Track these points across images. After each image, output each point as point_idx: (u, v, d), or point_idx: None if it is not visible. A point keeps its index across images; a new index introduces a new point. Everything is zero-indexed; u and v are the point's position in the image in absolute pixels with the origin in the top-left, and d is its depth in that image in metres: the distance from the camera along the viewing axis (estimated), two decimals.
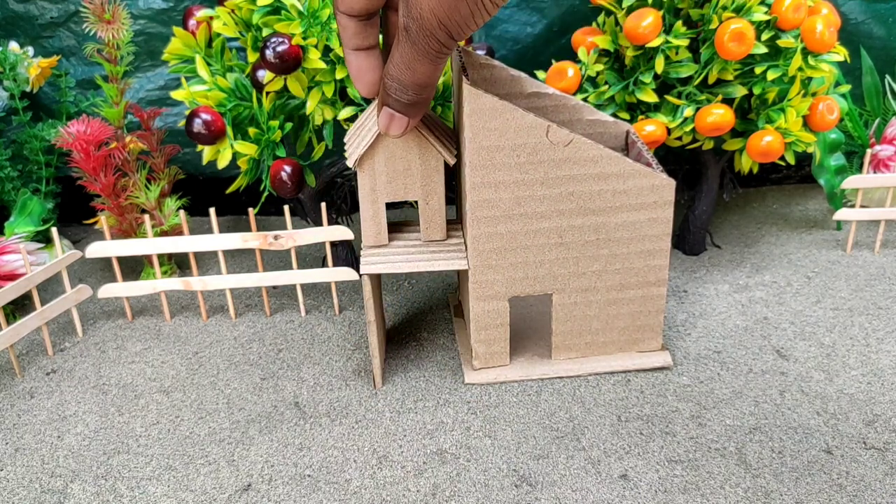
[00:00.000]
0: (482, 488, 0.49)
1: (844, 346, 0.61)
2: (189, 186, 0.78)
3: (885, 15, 0.79)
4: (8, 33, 0.82)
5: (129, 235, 0.72)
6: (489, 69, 0.57)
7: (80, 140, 0.67)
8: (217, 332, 0.67)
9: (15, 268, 0.67)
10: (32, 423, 0.57)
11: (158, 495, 0.50)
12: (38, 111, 0.82)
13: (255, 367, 0.62)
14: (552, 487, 0.49)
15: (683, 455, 0.51)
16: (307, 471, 0.51)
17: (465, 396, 0.57)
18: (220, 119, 0.62)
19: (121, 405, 0.58)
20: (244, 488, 0.50)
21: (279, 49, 0.57)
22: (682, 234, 0.75)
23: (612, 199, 0.53)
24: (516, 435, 0.53)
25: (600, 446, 0.52)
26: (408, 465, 0.51)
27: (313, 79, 0.61)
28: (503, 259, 0.54)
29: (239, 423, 0.56)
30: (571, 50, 0.68)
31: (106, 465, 0.52)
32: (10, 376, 0.62)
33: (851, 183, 0.71)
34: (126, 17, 0.68)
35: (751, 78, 0.64)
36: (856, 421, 0.53)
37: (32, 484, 0.51)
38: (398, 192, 0.55)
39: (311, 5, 0.57)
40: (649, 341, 0.59)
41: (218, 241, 0.65)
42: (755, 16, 0.60)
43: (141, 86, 0.82)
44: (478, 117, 0.49)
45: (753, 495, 0.47)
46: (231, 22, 0.62)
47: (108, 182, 0.69)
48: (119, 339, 0.66)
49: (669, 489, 0.48)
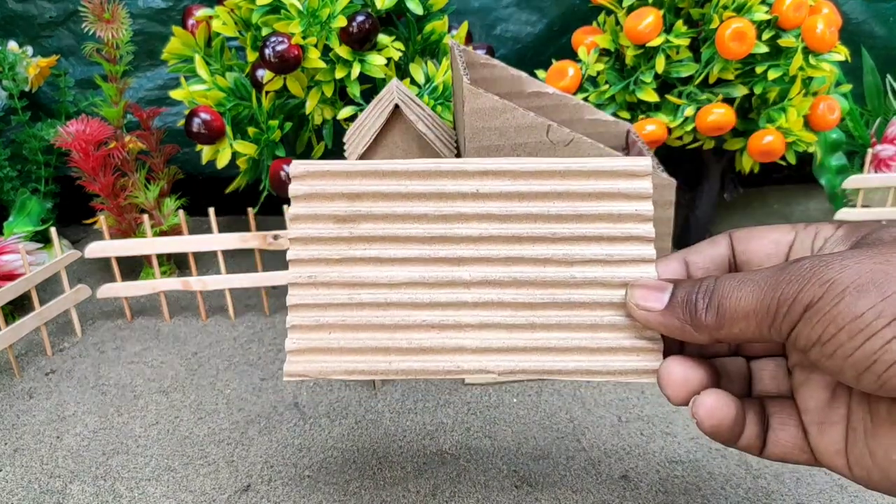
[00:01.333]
0: (482, 489, 0.49)
1: None
2: (188, 186, 0.78)
3: (887, 14, 0.79)
4: (7, 33, 0.81)
5: (128, 235, 0.72)
6: (489, 69, 0.57)
7: (80, 140, 0.67)
8: (216, 333, 0.67)
9: (14, 268, 0.66)
10: (31, 424, 0.57)
11: (158, 496, 0.49)
12: (37, 111, 0.82)
13: (255, 368, 0.61)
14: (552, 488, 0.49)
15: (684, 455, 0.51)
16: (307, 471, 0.51)
17: (464, 397, 0.57)
18: (220, 119, 0.62)
19: (120, 406, 0.58)
20: (243, 489, 0.50)
21: (278, 48, 0.57)
22: (683, 235, 0.75)
23: None
24: (516, 435, 0.53)
25: (601, 447, 0.52)
26: (408, 465, 0.51)
27: (313, 78, 0.61)
28: None
29: (238, 423, 0.55)
30: (572, 49, 0.68)
31: (105, 465, 0.52)
32: (8, 377, 0.62)
33: (852, 183, 0.71)
34: (125, 16, 0.67)
35: (752, 77, 0.63)
36: None
37: (31, 484, 0.51)
38: None
39: (311, 4, 0.57)
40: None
41: (217, 240, 0.65)
42: (756, 15, 0.60)
43: (140, 85, 0.82)
44: (478, 117, 0.49)
45: (754, 496, 0.47)
46: (230, 21, 0.62)
47: (108, 182, 0.69)
48: (118, 340, 0.66)
49: (670, 490, 0.48)
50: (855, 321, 0.28)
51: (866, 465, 0.32)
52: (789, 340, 0.31)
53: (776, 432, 0.35)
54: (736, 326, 0.32)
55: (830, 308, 0.29)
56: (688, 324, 0.34)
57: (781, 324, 0.31)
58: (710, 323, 0.33)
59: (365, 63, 0.59)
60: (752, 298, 0.31)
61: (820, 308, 0.29)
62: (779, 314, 0.31)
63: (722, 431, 0.34)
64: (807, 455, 0.34)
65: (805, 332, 0.30)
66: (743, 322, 0.32)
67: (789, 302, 0.30)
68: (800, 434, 0.34)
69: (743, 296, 0.32)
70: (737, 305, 0.32)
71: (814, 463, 0.34)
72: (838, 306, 0.29)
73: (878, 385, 0.29)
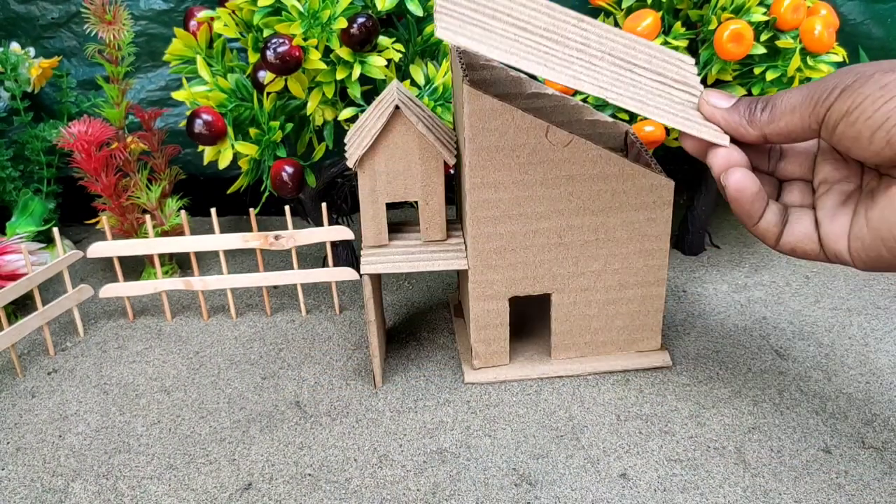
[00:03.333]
0: (482, 487, 0.49)
1: (843, 346, 0.61)
2: (190, 187, 0.78)
3: (884, 15, 0.79)
4: (9, 34, 0.82)
5: (130, 235, 0.72)
6: (489, 70, 0.57)
7: (82, 140, 0.67)
8: (218, 332, 0.67)
9: (16, 268, 0.67)
10: (34, 423, 0.57)
11: (160, 494, 0.50)
12: (40, 112, 0.82)
13: (256, 367, 0.62)
14: (552, 486, 0.49)
15: (682, 454, 0.51)
16: (308, 470, 0.51)
17: (464, 396, 0.57)
18: (221, 119, 0.62)
19: (122, 404, 0.58)
20: (245, 487, 0.50)
21: (280, 50, 0.57)
22: (682, 234, 0.75)
23: (612, 200, 0.53)
24: (516, 434, 0.53)
25: (600, 445, 0.52)
26: (408, 464, 0.51)
27: (314, 79, 0.61)
28: (503, 259, 0.55)
29: (240, 422, 0.56)
30: None
31: (107, 464, 0.52)
32: (11, 376, 0.62)
33: None
34: (127, 17, 0.68)
35: (750, 78, 0.64)
36: (854, 420, 0.53)
37: (34, 483, 0.51)
38: (398, 193, 0.55)
39: (312, 6, 0.57)
40: (648, 341, 0.59)
41: (219, 241, 0.66)
42: (754, 16, 0.60)
43: (142, 86, 0.83)
44: (477, 118, 0.50)
45: (752, 494, 0.48)
46: (232, 23, 0.62)
47: (110, 182, 0.70)
48: (120, 339, 0.67)
49: (669, 488, 0.48)
50: (879, 90, 0.38)
51: (862, 235, 0.41)
52: (824, 123, 0.40)
53: (792, 225, 0.45)
54: (784, 119, 0.42)
55: (860, 86, 0.39)
56: (745, 119, 0.44)
57: (821, 108, 0.40)
58: (764, 119, 0.43)
59: (365, 64, 0.60)
60: (801, 94, 0.41)
61: (853, 87, 0.39)
62: (819, 100, 0.40)
63: (743, 200, 0.44)
64: (814, 244, 0.44)
65: (837, 107, 0.39)
66: (789, 115, 0.42)
67: (829, 89, 0.40)
68: (812, 227, 0.44)
69: (793, 94, 0.42)
70: (787, 102, 0.42)
71: (818, 252, 0.44)
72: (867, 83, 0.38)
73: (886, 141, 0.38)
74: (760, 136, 0.44)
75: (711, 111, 0.46)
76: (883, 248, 0.40)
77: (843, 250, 0.43)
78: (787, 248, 0.45)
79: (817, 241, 0.44)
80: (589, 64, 0.46)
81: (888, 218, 0.40)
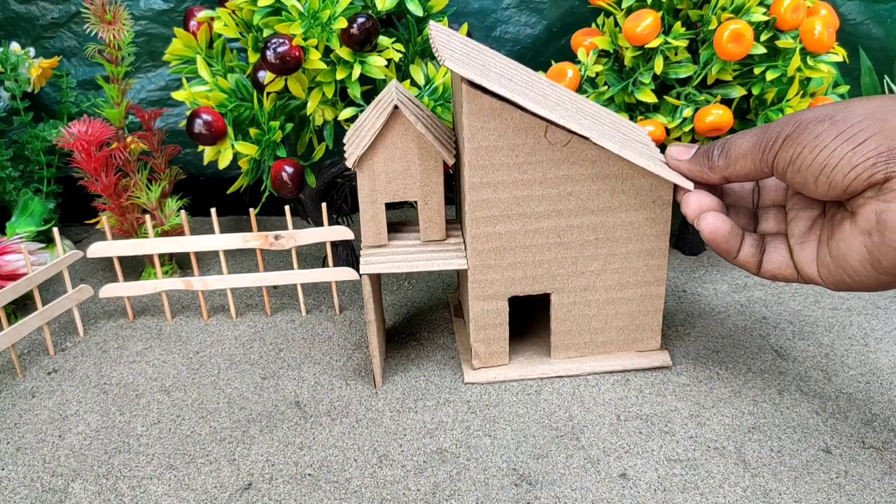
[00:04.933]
0: (482, 487, 0.49)
1: (843, 346, 0.61)
2: (190, 187, 0.78)
3: (884, 15, 0.79)
4: (9, 34, 0.82)
5: (130, 235, 0.72)
6: None
7: (82, 140, 0.68)
8: (218, 332, 0.67)
9: (16, 268, 0.67)
10: (34, 423, 0.57)
11: (160, 494, 0.50)
12: (40, 112, 0.82)
13: (256, 367, 0.62)
14: (552, 486, 0.49)
15: (682, 454, 0.51)
16: (308, 470, 0.51)
17: (464, 396, 0.57)
18: (221, 119, 0.62)
19: (122, 404, 0.58)
20: (245, 487, 0.50)
21: (280, 50, 0.57)
22: (681, 234, 0.75)
23: (611, 199, 0.53)
24: (516, 434, 0.53)
25: (599, 445, 0.52)
26: (408, 464, 0.51)
27: (314, 79, 0.61)
28: (502, 259, 0.55)
29: (240, 422, 0.56)
30: (571, 51, 0.68)
31: (107, 464, 0.53)
32: (11, 376, 0.62)
33: None
34: (127, 17, 0.68)
35: (749, 78, 0.64)
36: (854, 420, 0.53)
37: (34, 483, 0.51)
38: (397, 193, 0.55)
39: (312, 6, 0.58)
40: (648, 341, 0.59)
41: (219, 241, 0.66)
42: (754, 16, 0.60)
43: (142, 86, 0.83)
44: (476, 117, 0.50)
45: (752, 494, 0.48)
46: (232, 23, 0.62)
47: (110, 182, 0.70)
48: (120, 339, 0.67)
49: (669, 488, 0.48)
50: (813, 140, 0.42)
51: (827, 262, 0.45)
52: (774, 167, 0.45)
53: (770, 254, 0.49)
54: (738, 164, 0.47)
55: (798, 136, 0.43)
56: (705, 167, 0.49)
57: (769, 155, 0.45)
58: (721, 164, 0.48)
59: (365, 64, 0.60)
60: (750, 141, 0.46)
61: (793, 137, 0.43)
62: (766, 148, 0.45)
63: (718, 240, 0.48)
64: (791, 270, 0.48)
65: (783, 156, 0.44)
66: (743, 159, 0.46)
67: (773, 137, 0.44)
68: (787, 255, 0.48)
69: (744, 141, 0.46)
70: (739, 148, 0.46)
71: (796, 277, 0.48)
72: (803, 133, 0.43)
73: (828, 185, 0.42)
74: (723, 179, 0.49)
75: (676, 164, 0.51)
76: (845, 275, 0.44)
77: (814, 274, 0.47)
78: (769, 275, 0.49)
79: (794, 266, 0.48)
80: (570, 113, 0.51)
81: (843, 251, 0.44)
